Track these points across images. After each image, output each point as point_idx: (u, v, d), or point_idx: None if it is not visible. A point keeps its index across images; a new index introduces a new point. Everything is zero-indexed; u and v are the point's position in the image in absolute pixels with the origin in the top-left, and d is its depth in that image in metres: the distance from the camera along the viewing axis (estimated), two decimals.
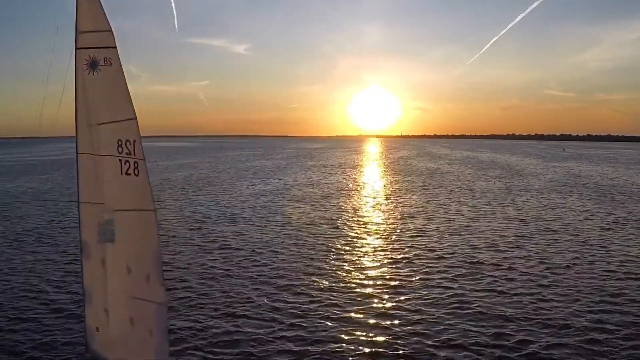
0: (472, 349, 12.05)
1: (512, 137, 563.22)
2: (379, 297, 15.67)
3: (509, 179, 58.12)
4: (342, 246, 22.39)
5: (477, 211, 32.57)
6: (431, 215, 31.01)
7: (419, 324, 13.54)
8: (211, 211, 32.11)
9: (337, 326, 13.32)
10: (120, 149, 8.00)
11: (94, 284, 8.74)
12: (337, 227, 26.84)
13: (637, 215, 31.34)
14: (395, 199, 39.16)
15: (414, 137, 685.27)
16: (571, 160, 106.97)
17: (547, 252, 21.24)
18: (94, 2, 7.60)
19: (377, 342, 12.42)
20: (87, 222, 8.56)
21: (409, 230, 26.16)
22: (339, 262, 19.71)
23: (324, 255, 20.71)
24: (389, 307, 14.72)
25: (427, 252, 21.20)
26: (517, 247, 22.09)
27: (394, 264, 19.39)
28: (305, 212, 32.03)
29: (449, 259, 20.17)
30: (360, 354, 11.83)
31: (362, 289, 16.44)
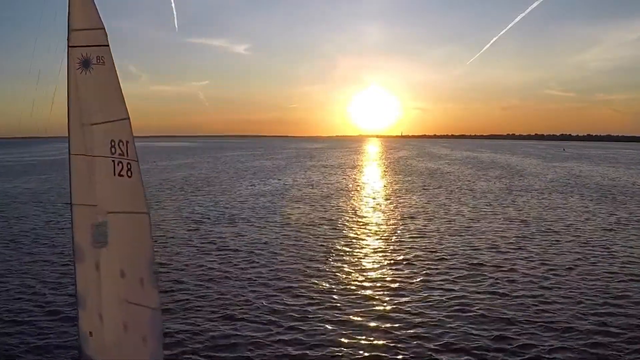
0: (474, 352, 11.84)
1: (512, 137, 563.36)
2: (379, 299, 15.46)
3: (509, 179, 57.93)
4: (341, 247, 22.19)
5: (477, 212, 32.37)
6: (431, 215, 30.81)
7: (419, 327, 13.33)
8: (210, 212, 31.90)
9: (337, 329, 13.11)
10: (113, 150, 7.81)
11: (88, 288, 8.54)
12: (336, 228, 26.63)
13: (638, 215, 31.14)
14: (395, 200, 38.95)
15: (414, 137, 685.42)
16: (571, 160, 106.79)
17: (549, 254, 21.03)
18: None
19: (377, 346, 12.20)
20: (80, 225, 8.36)
21: (409, 231, 25.95)
22: (339, 263, 19.50)
23: (324, 256, 20.50)
24: (389, 310, 14.51)
25: (427, 253, 20.99)
26: (518, 249, 21.87)
27: (394, 266, 19.18)
28: (304, 212, 31.83)
29: (449, 260, 19.96)
30: (360, 358, 11.61)
31: (362, 290, 16.23)
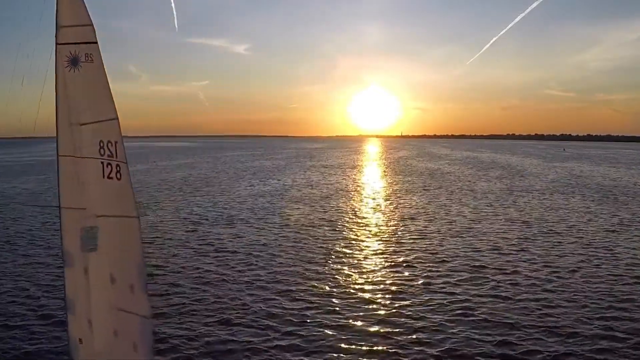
0: (477, 359, 11.53)
1: (512, 137, 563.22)
2: (380, 302, 15.14)
3: (510, 179, 57.60)
4: (341, 249, 21.86)
5: (478, 213, 32.04)
6: (432, 216, 30.48)
7: (420, 331, 13.01)
8: (208, 212, 31.58)
9: (336, 334, 12.79)
10: (102, 151, 7.52)
11: (77, 293, 8.26)
12: (336, 230, 26.31)
13: None
14: (395, 200, 38.63)
15: (413, 137, 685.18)
16: (572, 160, 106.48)
17: (552, 256, 20.71)
18: None
19: (378, 352, 11.89)
20: (69, 229, 8.08)
21: (409, 232, 25.62)
22: (338, 265, 19.18)
23: (323, 258, 20.18)
24: (390, 314, 14.19)
25: (428, 255, 20.66)
26: (520, 250, 21.54)
27: (394, 268, 18.86)
28: (304, 213, 31.50)
29: (451, 262, 19.64)
30: None
31: (362, 294, 15.91)
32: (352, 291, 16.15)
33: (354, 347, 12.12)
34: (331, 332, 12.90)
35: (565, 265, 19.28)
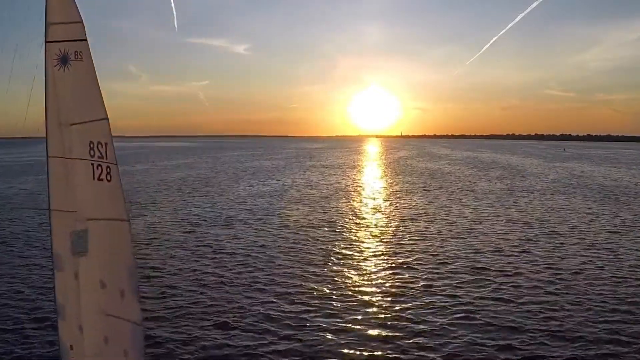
0: None
1: (512, 137, 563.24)
2: (380, 305, 14.88)
3: (510, 179, 57.36)
4: (341, 250, 21.60)
5: (479, 213, 31.78)
6: (432, 217, 30.22)
7: (421, 335, 12.75)
8: (206, 213, 31.31)
9: (335, 338, 12.53)
10: (92, 152, 7.28)
11: (67, 298, 8.02)
12: (336, 231, 26.06)
13: None
14: (395, 201, 38.38)
15: (413, 137, 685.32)
16: (572, 160, 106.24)
17: (554, 257, 20.44)
18: None
19: (378, 357, 11.62)
20: (59, 232, 7.84)
21: (410, 233, 25.37)
22: (338, 267, 18.92)
23: (322, 260, 19.91)
24: (390, 317, 13.92)
25: (429, 257, 20.40)
26: (522, 252, 21.27)
27: (394, 270, 18.60)
28: (303, 214, 31.24)
29: (452, 264, 19.38)
30: None
31: (362, 296, 15.64)
32: (351, 294, 15.89)
33: (353, 351, 11.85)
34: (330, 336, 12.64)
35: (568, 267, 19.02)
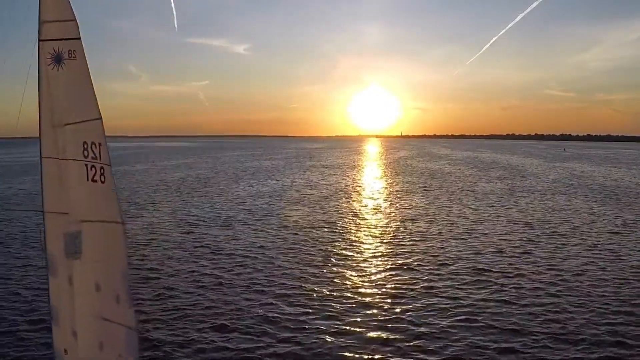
0: None
1: (512, 137, 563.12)
2: (380, 307, 14.70)
3: (511, 179, 57.17)
4: (340, 251, 21.43)
5: (480, 214, 31.61)
6: (433, 218, 30.05)
7: (422, 338, 12.58)
8: (205, 214, 31.14)
9: (335, 340, 12.37)
10: (85, 153, 7.12)
11: (61, 302, 7.86)
12: (335, 231, 25.88)
13: None
14: (395, 201, 38.20)
15: (413, 137, 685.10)
16: (573, 160, 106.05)
17: (556, 258, 20.27)
18: None
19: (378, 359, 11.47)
20: (52, 234, 7.71)
21: (410, 234, 25.20)
22: (337, 268, 18.74)
23: (322, 261, 19.74)
24: (390, 320, 13.75)
25: (429, 258, 20.23)
26: (524, 253, 21.10)
27: (395, 271, 18.42)
28: (303, 215, 31.07)
29: (452, 265, 19.21)
30: None
31: (362, 298, 15.47)
32: (351, 295, 15.72)
33: (353, 354, 11.69)
34: (330, 339, 12.48)
35: (569, 268, 18.85)
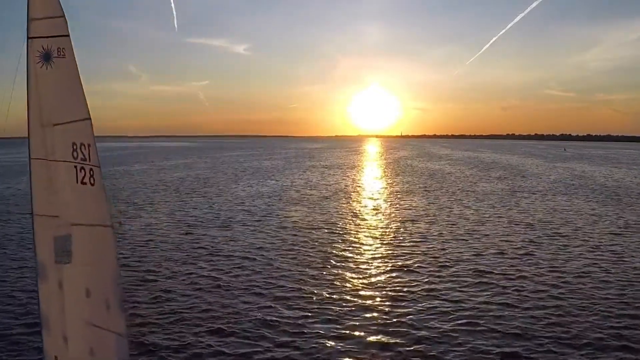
0: None
1: (512, 137, 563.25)
2: (380, 310, 14.46)
3: (511, 180, 56.94)
4: (340, 253, 21.19)
5: (481, 215, 31.37)
6: (433, 219, 29.81)
7: (423, 342, 12.34)
8: (204, 214, 30.90)
9: (334, 345, 12.13)
10: (75, 154, 6.89)
11: (51, 308, 7.63)
12: (335, 232, 25.64)
13: None
14: (395, 202, 37.97)
15: (413, 137, 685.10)
16: (573, 160, 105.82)
17: (558, 260, 20.03)
18: None
19: None
20: (42, 238, 7.46)
21: (410, 235, 24.96)
22: (337, 270, 18.50)
23: (321, 263, 19.50)
24: (391, 323, 13.50)
25: (430, 259, 20.00)
26: (526, 254, 20.86)
27: (395, 273, 18.18)
28: (302, 215, 30.83)
29: (453, 267, 18.97)
30: None
31: (362, 301, 15.23)
32: (351, 298, 15.48)
33: (353, 359, 11.45)
34: (329, 343, 12.24)
35: (572, 270, 18.61)
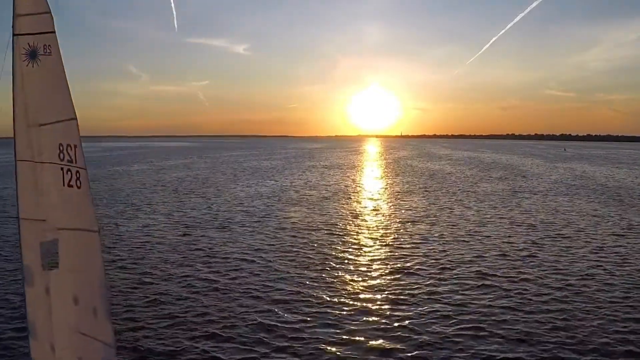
0: None
1: (512, 137, 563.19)
2: (380, 314, 14.15)
3: (512, 180, 56.63)
4: (340, 254, 20.88)
5: (482, 215, 31.06)
6: (434, 220, 29.50)
7: (424, 347, 12.04)
8: (202, 215, 30.58)
9: (333, 350, 11.82)
10: (61, 156, 6.61)
11: (38, 314, 7.35)
12: (335, 234, 25.34)
13: None
14: (396, 203, 37.67)
15: (413, 137, 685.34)
16: (573, 160, 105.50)
17: (561, 262, 19.72)
18: None
19: None
20: (29, 243, 7.16)
21: (411, 236, 24.65)
22: (337, 272, 18.19)
23: (321, 265, 19.19)
24: (392, 327, 13.19)
25: (431, 261, 19.68)
26: (528, 256, 20.54)
27: (395, 275, 17.86)
28: (301, 216, 30.53)
29: (455, 269, 18.66)
30: None
31: (362, 304, 14.92)
32: (351, 301, 15.16)
33: None
34: (329, 348, 11.93)
35: (576, 272, 18.31)
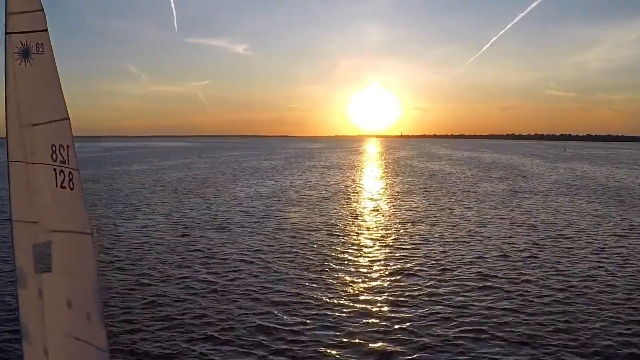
0: None
1: (512, 137, 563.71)
2: (381, 316, 14.00)
3: (512, 180, 56.50)
4: (339, 255, 20.73)
5: (482, 216, 30.91)
6: (434, 220, 29.36)
7: (425, 349, 11.89)
8: (201, 215, 30.43)
9: (333, 352, 11.68)
10: (54, 156, 6.44)
11: (31, 317, 7.19)
12: (334, 234, 25.19)
13: None
14: (396, 203, 37.53)
15: (413, 137, 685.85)
16: (574, 160, 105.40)
17: (563, 262, 19.57)
18: None
19: None
20: (21, 245, 7.00)
21: (411, 237, 24.50)
22: (337, 274, 18.04)
23: (320, 266, 19.05)
24: (392, 330, 13.04)
25: (432, 262, 19.54)
26: (529, 257, 20.40)
27: (395, 276, 17.71)
28: (301, 217, 30.38)
29: (456, 270, 18.51)
30: None
31: (362, 305, 14.77)
32: (351, 303, 15.01)
33: None
34: (328, 350, 11.79)
35: (577, 273, 18.17)
